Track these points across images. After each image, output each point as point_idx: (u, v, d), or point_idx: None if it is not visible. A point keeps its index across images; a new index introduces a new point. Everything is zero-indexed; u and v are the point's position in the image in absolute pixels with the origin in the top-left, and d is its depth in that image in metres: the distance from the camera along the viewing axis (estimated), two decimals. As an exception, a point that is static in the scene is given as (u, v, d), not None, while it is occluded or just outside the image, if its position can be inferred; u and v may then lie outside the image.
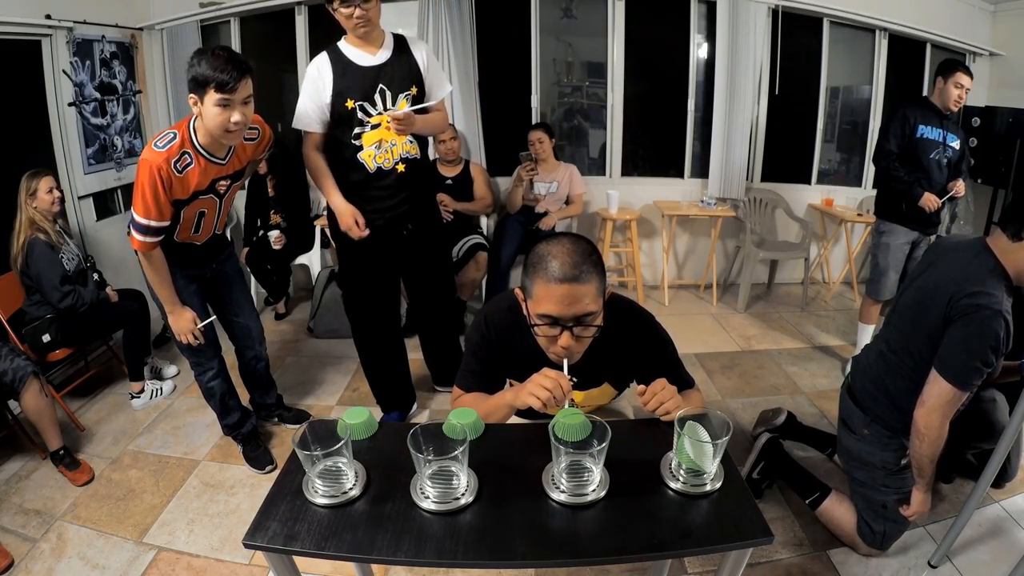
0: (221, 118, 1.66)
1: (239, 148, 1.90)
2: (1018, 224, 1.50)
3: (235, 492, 2.14)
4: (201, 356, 2.10)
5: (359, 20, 1.88)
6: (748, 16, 3.69)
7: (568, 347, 1.17)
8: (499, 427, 1.21)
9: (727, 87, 3.80)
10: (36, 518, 2.00)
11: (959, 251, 1.64)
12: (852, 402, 1.83)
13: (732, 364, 3.10)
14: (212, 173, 1.82)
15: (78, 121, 3.12)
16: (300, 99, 2.01)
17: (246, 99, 1.69)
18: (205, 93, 1.63)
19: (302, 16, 3.71)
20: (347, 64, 1.97)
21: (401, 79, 2.01)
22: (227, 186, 1.92)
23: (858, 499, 1.81)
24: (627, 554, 0.92)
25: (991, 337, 1.46)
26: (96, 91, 3.24)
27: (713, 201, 3.90)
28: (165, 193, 1.71)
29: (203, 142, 1.76)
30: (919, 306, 1.64)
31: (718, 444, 0.98)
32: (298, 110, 2.02)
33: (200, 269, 2.06)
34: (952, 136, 2.75)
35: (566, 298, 1.12)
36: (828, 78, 4.01)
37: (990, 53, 3.90)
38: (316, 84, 1.97)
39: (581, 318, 1.14)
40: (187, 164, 1.74)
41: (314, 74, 1.98)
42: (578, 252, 1.14)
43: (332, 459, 0.99)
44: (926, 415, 1.55)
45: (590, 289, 1.13)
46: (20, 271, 2.41)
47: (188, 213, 1.85)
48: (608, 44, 3.88)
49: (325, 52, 2.00)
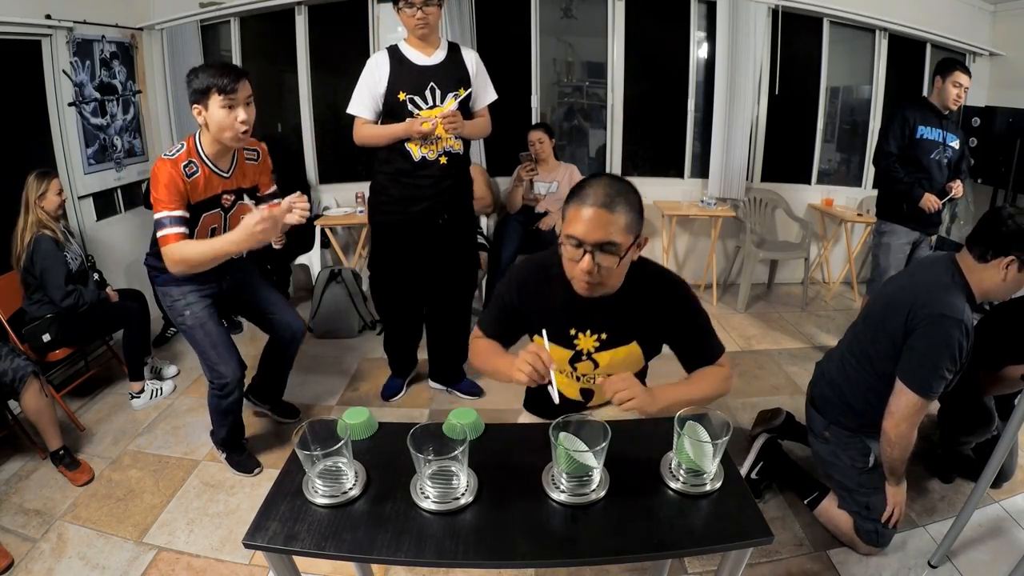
0: (228, 118, 1.74)
1: (242, 164, 1.96)
2: (983, 247, 1.57)
3: (235, 492, 2.14)
4: (223, 371, 2.04)
5: (419, 22, 2.08)
6: (748, 16, 3.69)
7: (588, 271, 1.19)
8: (499, 427, 1.21)
9: (727, 87, 3.80)
10: (36, 518, 2.00)
11: (927, 265, 1.72)
12: (812, 408, 1.90)
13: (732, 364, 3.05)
14: (217, 184, 1.88)
15: (78, 121, 3.12)
16: (356, 88, 2.21)
17: (247, 99, 1.78)
18: (209, 99, 1.72)
19: (302, 16, 3.71)
20: (403, 61, 2.17)
21: (451, 80, 2.20)
22: (232, 201, 1.96)
23: (845, 501, 1.82)
24: (627, 554, 0.92)
25: (952, 346, 1.51)
26: (96, 91, 3.23)
27: (713, 201, 3.90)
28: (182, 185, 1.77)
29: (208, 152, 1.84)
30: (882, 314, 1.70)
31: (718, 444, 0.98)
32: (353, 98, 2.21)
33: (214, 285, 2.05)
34: (952, 136, 2.75)
35: (592, 221, 1.16)
36: (828, 78, 4.01)
37: (990, 53, 3.90)
38: (373, 75, 2.16)
39: (604, 245, 1.17)
40: (194, 172, 1.80)
41: (372, 66, 2.17)
42: (615, 186, 1.19)
43: (332, 459, 0.99)
44: (895, 425, 1.60)
45: (618, 219, 1.17)
46: (24, 268, 2.40)
47: (200, 233, 1.89)
48: (608, 44, 3.88)
49: (385, 49, 2.21)
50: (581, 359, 1.39)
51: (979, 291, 1.60)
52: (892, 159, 2.75)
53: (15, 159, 2.76)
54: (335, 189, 4.02)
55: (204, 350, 2.03)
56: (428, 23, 2.09)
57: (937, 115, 2.74)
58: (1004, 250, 1.53)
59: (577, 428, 1.02)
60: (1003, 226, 1.53)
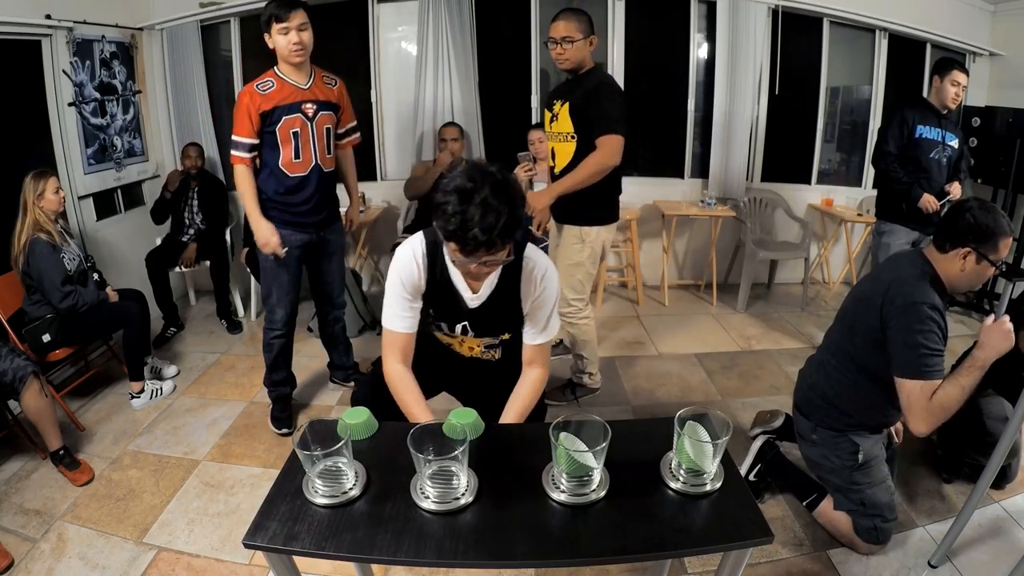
0: (284, 40, 2.09)
1: (319, 82, 2.25)
2: (942, 238, 1.62)
3: (235, 492, 2.14)
4: (274, 314, 2.38)
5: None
6: (748, 16, 3.69)
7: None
8: (499, 427, 1.21)
9: (727, 87, 3.80)
10: (36, 518, 2.00)
11: (897, 260, 1.75)
12: (798, 413, 1.92)
13: (732, 364, 3.10)
14: (294, 93, 2.17)
15: (78, 121, 3.11)
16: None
17: (301, 25, 2.10)
18: (271, 27, 2.08)
19: (302, 16, 3.71)
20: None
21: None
22: (314, 110, 2.21)
23: (841, 502, 1.83)
24: (627, 554, 0.92)
25: (929, 324, 1.53)
26: (96, 91, 3.23)
27: (713, 201, 3.90)
28: (252, 112, 2.13)
29: (283, 70, 2.19)
30: (855, 311, 1.73)
31: (718, 444, 0.98)
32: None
33: (306, 232, 2.32)
34: (951, 135, 2.76)
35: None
36: (828, 78, 4.01)
37: (990, 53, 3.90)
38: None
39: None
40: (269, 87, 2.15)
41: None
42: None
43: (332, 459, 0.99)
44: (921, 419, 1.55)
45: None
46: (21, 271, 2.41)
47: (283, 132, 2.17)
48: (608, 44, 3.88)
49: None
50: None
51: (945, 280, 1.63)
52: (891, 159, 2.76)
53: (15, 159, 2.76)
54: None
55: (268, 287, 2.37)
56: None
57: (936, 114, 2.74)
58: (961, 241, 1.58)
59: (577, 428, 1.02)
60: (961, 218, 1.58)
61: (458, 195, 1.15)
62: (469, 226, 1.14)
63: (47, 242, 2.40)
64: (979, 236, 1.56)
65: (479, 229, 1.14)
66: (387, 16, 3.83)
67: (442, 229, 1.19)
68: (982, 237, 1.56)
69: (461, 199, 1.14)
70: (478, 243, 1.16)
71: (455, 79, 3.65)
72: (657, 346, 3.29)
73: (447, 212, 1.15)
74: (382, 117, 3.99)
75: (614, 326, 3.58)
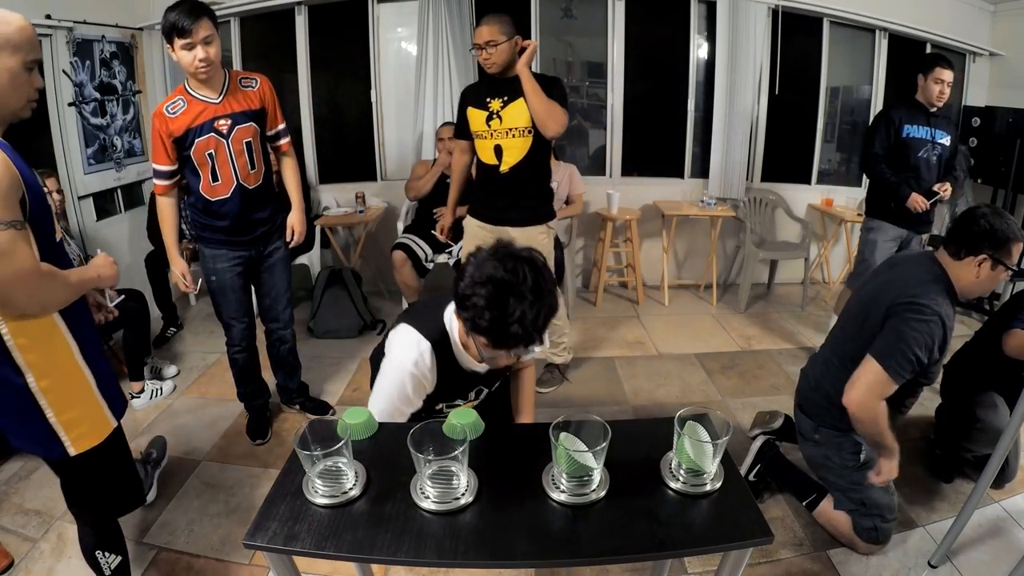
0: (188, 57, 1.88)
1: (235, 91, 2.06)
2: (956, 244, 1.61)
3: (235, 492, 2.14)
4: (231, 330, 2.32)
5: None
6: (748, 16, 3.69)
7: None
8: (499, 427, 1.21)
9: (727, 87, 3.80)
10: (36, 518, 2.00)
11: (908, 262, 1.74)
12: (800, 412, 1.91)
13: (732, 364, 3.10)
14: (205, 111, 1.99)
15: (78, 121, 3.11)
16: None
17: (206, 39, 1.88)
18: (172, 41, 1.87)
19: (302, 16, 3.71)
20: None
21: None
22: (228, 126, 2.02)
23: (841, 501, 1.83)
24: (627, 554, 0.92)
25: (927, 336, 1.52)
26: (96, 91, 3.23)
27: (713, 201, 3.90)
28: (164, 138, 1.98)
29: (192, 86, 2.00)
30: (863, 310, 1.72)
31: (718, 444, 0.98)
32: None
33: (245, 249, 2.21)
34: (941, 132, 2.73)
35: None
36: (828, 78, 4.01)
37: (990, 53, 3.90)
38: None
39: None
40: (178, 108, 1.98)
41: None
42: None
43: (332, 459, 0.99)
44: (855, 396, 1.58)
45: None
46: None
47: (198, 156, 2.01)
48: (608, 44, 3.88)
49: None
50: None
51: (957, 287, 1.63)
52: (878, 160, 2.74)
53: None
54: (335, 189, 4.01)
55: (217, 306, 2.30)
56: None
57: (924, 113, 2.71)
58: (976, 248, 1.57)
59: (577, 428, 1.02)
60: (975, 225, 1.58)
61: (494, 287, 1.06)
62: (508, 322, 1.06)
63: None
64: (995, 242, 1.56)
65: (519, 326, 1.06)
66: (387, 16, 3.83)
67: (471, 322, 1.09)
68: (997, 243, 1.56)
69: (498, 292, 1.06)
70: (517, 339, 1.08)
71: (455, 79, 3.65)
72: (657, 346, 3.29)
73: (478, 306, 1.06)
74: (382, 117, 3.99)
75: (614, 326, 3.58)
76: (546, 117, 2.15)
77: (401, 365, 1.28)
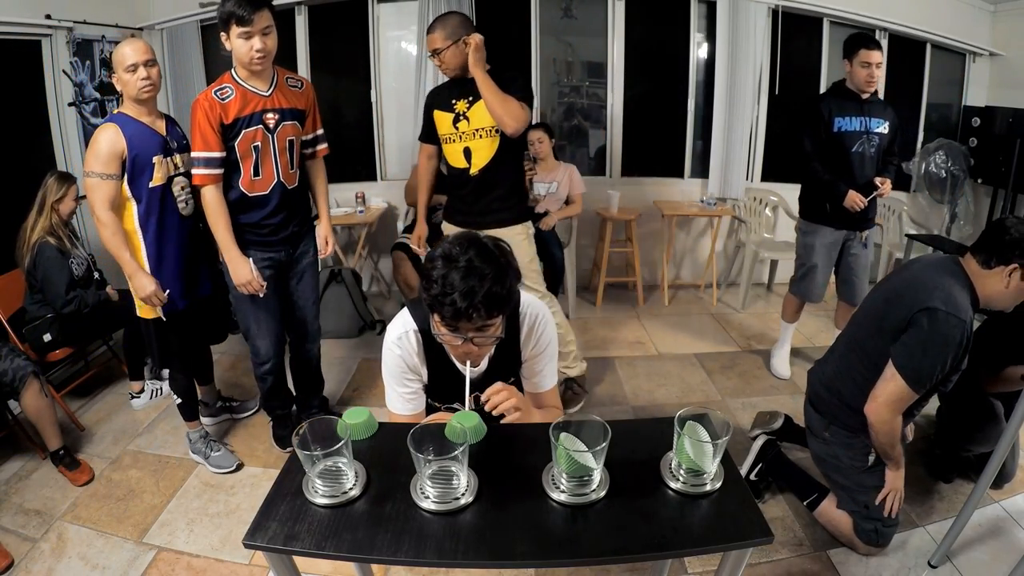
0: (245, 47, 1.84)
1: (283, 87, 2.01)
2: (987, 254, 1.59)
3: (235, 492, 2.14)
4: (258, 347, 2.18)
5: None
6: (748, 16, 3.69)
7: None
8: (499, 427, 1.21)
9: (727, 87, 3.80)
10: (36, 518, 2.00)
11: (932, 266, 1.70)
12: (811, 408, 1.91)
13: (732, 364, 3.10)
14: (255, 103, 1.94)
15: (78, 121, 3.11)
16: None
17: (265, 29, 1.84)
18: (229, 29, 1.82)
19: (302, 16, 3.71)
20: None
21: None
22: (276, 120, 1.97)
23: (844, 502, 1.82)
24: (627, 554, 0.92)
25: (951, 345, 1.51)
26: (96, 91, 3.23)
27: (713, 201, 3.90)
28: (211, 122, 1.89)
29: (242, 76, 1.94)
30: (883, 310, 1.70)
31: (718, 444, 0.98)
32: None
33: (276, 251, 2.11)
34: (876, 121, 2.50)
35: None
36: (828, 78, 4.00)
37: (990, 53, 3.90)
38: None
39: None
40: (228, 95, 1.91)
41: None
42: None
43: (332, 459, 0.99)
44: (876, 410, 1.61)
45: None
46: (27, 271, 2.40)
47: (242, 147, 1.95)
48: (608, 44, 3.88)
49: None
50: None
51: (983, 296, 1.61)
52: (811, 159, 2.54)
53: (15, 159, 2.76)
54: (335, 189, 3.97)
55: (246, 320, 2.16)
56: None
57: (855, 101, 2.48)
58: (1007, 259, 1.55)
59: (577, 428, 1.02)
60: (1007, 234, 1.56)
61: (443, 260, 1.10)
62: (449, 291, 1.07)
63: (56, 247, 2.39)
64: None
65: (459, 294, 1.06)
66: (387, 16, 3.83)
67: (426, 299, 1.12)
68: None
69: (445, 263, 1.10)
70: (458, 311, 1.08)
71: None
72: (657, 346, 3.29)
73: (431, 278, 1.10)
74: (382, 117, 3.99)
75: (614, 326, 3.58)
76: (502, 114, 2.10)
77: (387, 341, 1.33)
